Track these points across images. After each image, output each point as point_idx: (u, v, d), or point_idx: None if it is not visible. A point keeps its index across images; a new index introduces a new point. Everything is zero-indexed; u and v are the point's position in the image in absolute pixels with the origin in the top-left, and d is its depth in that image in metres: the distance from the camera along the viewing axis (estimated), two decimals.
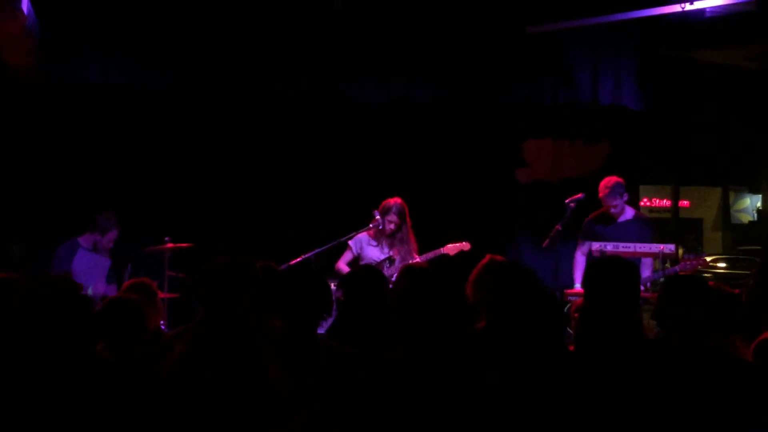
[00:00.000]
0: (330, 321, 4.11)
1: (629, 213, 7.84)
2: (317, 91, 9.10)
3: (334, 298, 3.91)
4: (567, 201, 7.73)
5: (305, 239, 7.71)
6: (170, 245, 7.79)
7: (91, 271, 7.39)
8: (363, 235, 7.71)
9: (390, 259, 7.60)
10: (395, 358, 3.31)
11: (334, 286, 5.44)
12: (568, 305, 7.11)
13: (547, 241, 7.66)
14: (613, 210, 7.74)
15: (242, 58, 8.75)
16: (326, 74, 9.03)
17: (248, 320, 3.55)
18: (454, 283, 4.53)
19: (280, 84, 8.89)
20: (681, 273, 7.14)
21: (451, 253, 7.70)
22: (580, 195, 7.75)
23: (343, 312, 4.41)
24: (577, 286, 7.74)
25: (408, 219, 7.64)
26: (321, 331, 3.98)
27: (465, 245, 7.74)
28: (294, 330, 3.54)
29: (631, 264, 3.72)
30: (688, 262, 7.24)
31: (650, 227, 7.80)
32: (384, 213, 7.58)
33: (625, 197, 7.77)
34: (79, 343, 3.36)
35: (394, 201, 7.62)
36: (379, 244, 7.68)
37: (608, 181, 7.75)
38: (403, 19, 8.98)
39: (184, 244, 7.83)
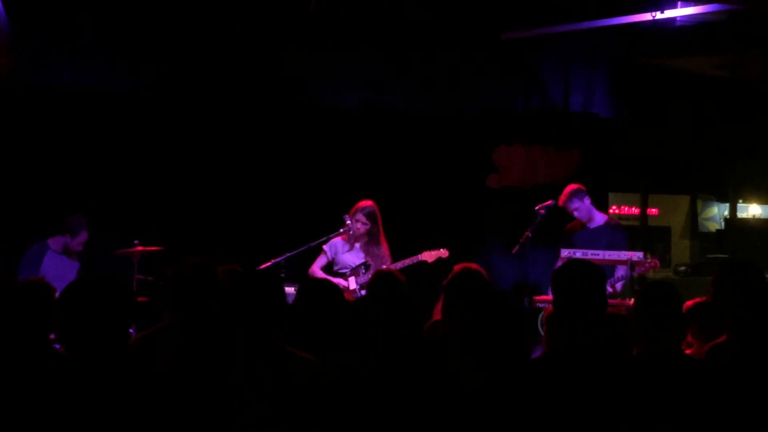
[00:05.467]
0: None
1: (600, 219, 7.86)
2: (291, 94, 9.08)
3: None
4: (537, 207, 7.76)
5: (277, 243, 7.68)
6: (140, 248, 7.74)
7: (60, 274, 7.33)
8: (338, 240, 7.63)
9: (366, 265, 7.52)
10: (359, 365, 3.28)
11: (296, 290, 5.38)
12: (541, 312, 7.14)
13: (516, 248, 7.68)
14: (576, 214, 7.78)
15: (216, 61, 8.71)
16: (300, 78, 9.01)
17: (212, 323, 3.51)
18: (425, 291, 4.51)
19: (254, 87, 8.86)
20: (640, 273, 7.40)
21: (429, 260, 7.58)
22: (550, 202, 7.79)
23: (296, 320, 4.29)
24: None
25: (380, 224, 7.58)
26: None
27: (443, 252, 7.56)
28: (252, 335, 3.47)
29: (596, 267, 3.71)
30: (645, 265, 7.30)
31: (622, 233, 7.82)
32: (353, 214, 7.53)
33: (587, 200, 7.78)
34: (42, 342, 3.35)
35: (365, 203, 7.56)
36: (351, 248, 7.62)
37: (566, 189, 7.83)
38: (377, 25, 8.98)
39: (153, 248, 7.79)
